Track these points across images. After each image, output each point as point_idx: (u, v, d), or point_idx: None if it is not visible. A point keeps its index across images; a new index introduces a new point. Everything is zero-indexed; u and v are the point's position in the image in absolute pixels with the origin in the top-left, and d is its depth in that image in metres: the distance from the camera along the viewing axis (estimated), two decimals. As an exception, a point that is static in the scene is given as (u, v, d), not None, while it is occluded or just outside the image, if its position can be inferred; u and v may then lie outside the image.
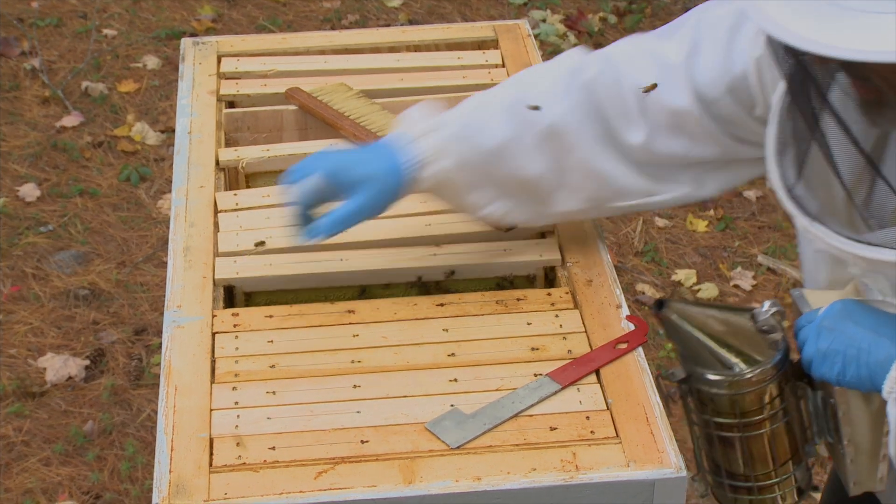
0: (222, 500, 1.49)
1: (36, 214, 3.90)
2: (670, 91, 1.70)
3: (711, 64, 1.67)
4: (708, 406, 1.58)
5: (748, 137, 1.70)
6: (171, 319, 1.76)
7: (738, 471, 1.61)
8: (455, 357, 1.71)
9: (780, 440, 1.60)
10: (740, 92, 1.66)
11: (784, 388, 1.58)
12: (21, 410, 3.25)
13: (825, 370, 1.52)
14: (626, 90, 1.72)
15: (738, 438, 1.59)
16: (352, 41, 2.40)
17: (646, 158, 1.75)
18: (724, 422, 1.58)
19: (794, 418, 1.60)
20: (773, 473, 1.61)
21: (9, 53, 4.63)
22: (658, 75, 1.70)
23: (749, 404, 1.56)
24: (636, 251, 3.83)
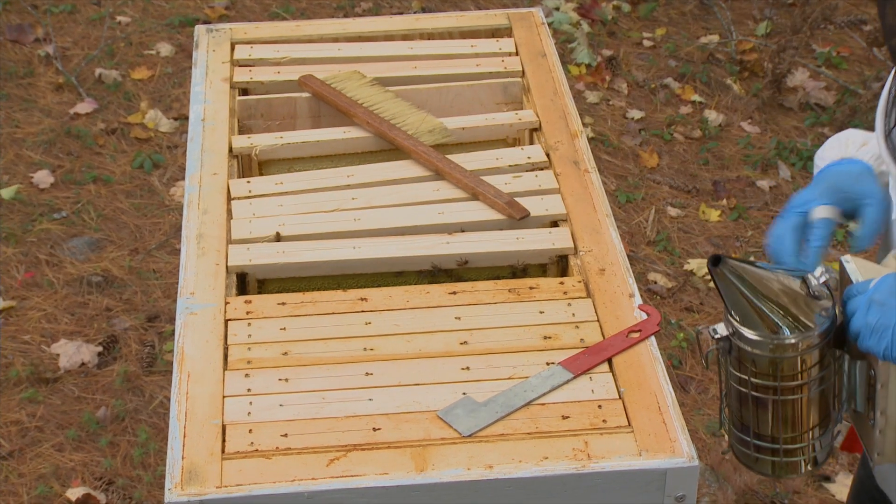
0: (234, 486, 1.50)
1: (49, 201, 3.91)
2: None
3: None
4: (747, 366, 1.58)
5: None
6: (184, 306, 1.76)
7: (766, 432, 1.62)
8: (467, 345, 1.71)
9: (814, 407, 1.61)
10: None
11: (826, 355, 1.59)
12: (34, 396, 3.26)
13: (872, 344, 1.53)
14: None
15: (773, 401, 1.59)
16: (365, 29, 2.40)
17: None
18: (762, 383, 1.58)
19: (830, 386, 1.61)
20: (800, 437, 1.62)
21: (23, 40, 4.63)
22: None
23: (789, 368, 1.57)
24: (648, 240, 3.82)
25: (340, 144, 2.11)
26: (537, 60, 2.28)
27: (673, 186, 4.07)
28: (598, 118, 4.35)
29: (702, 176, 4.11)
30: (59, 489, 3.03)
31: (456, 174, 1.99)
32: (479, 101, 2.23)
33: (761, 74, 4.54)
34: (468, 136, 2.13)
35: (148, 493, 3.04)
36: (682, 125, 4.34)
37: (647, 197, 4.02)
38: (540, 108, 2.16)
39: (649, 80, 4.54)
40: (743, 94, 4.49)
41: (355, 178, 2.01)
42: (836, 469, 3.13)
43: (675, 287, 3.61)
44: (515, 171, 2.03)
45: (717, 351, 1.61)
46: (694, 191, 4.05)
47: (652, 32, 4.80)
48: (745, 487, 3.08)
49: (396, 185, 2.00)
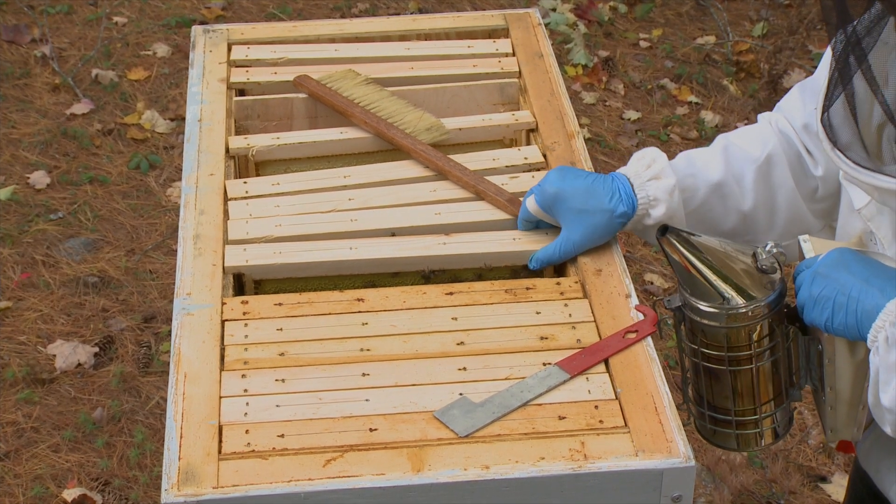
0: (231, 487, 1.50)
1: (46, 202, 3.91)
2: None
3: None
4: (698, 336, 1.62)
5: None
6: (180, 307, 1.76)
7: (721, 404, 1.65)
8: (464, 346, 1.71)
9: (765, 379, 1.63)
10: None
11: (775, 328, 1.61)
12: (31, 397, 3.26)
13: (815, 315, 1.57)
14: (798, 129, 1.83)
15: (724, 371, 1.62)
16: (362, 29, 2.40)
17: (829, 191, 1.83)
18: (712, 353, 1.62)
19: (781, 360, 1.64)
20: (754, 410, 1.64)
21: (19, 41, 4.63)
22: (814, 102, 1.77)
23: (738, 339, 1.60)
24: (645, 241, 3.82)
25: (337, 145, 2.11)
26: (534, 61, 2.28)
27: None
28: (595, 119, 4.35)
29: (698, 177, 4.11)
30: (55, 490, 3.03)
31: (456, 172, 1.99)
32: (476, 101, 2.23)
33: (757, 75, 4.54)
34: (465, 136, 2.13)
35: (144, 494, 3.04)
36: (678, 126, 4.34)
37: (644, 198, 4.02)
38: (536, 109, 2.16)
39: (646, 81, 4.55)
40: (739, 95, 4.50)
41: (352, 179, 2.01)
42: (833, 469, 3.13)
43: (672, 288, 3.61)
44: (512, 172, 2.04)
45: (674, 322, 1.64)
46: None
47: (648, 33, 4.80)
48: (741, 488, 3.08)
49: (393, 186, 2.00)
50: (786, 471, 3.12)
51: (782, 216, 1.86)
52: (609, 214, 1.81)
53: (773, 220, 1.86)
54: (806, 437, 3.21)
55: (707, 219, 1.86)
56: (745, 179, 1.84)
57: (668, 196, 1.81)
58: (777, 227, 1.87)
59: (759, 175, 1.84)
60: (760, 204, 1.85)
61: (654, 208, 1.82)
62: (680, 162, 1.86)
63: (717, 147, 1.87)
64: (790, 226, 1.87)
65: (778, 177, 1.84)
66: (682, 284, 1.63)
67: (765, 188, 1.84)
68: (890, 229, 1.61)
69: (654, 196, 1.81)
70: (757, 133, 1.87)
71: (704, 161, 1.85)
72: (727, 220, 1.86)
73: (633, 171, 1.84)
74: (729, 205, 1.85)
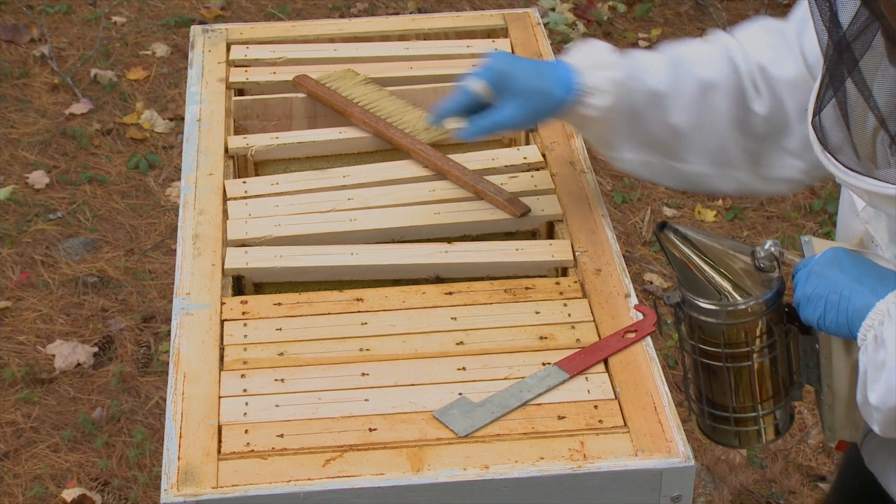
0: (230, 487, 1.50)
1: (45, 201, 3.90)
2: (782, 62, 1.78)
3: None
4: (697, 333, 1.62)
5: None
6: (179, 307, 1.76)
7: (720, 401, 1.65)
8: (463, 345, 1.71)
9: (764, 377, 1.63)
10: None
11: (773, 326, 1.61)
12: (30, 397, 3.26)
13: (808, 313, 1.57)
14: (752, 64, 1.81)
15: (723, 368, 1.62)
16: (361, 29, 2.40)
17: (767, 130, 1.83)
18: (711, 350, 1.62)
19: (780, 358, 1.64)
20: (753, 408, 1.64)
21: (18, 40, 4.63)
22: (774, 43, 1.79)
23: (736, 336, 1.60)
24: (644, 241, 3.83)
25: (336, 145, 2.11)
26: (533, 61, 2.27)
27: (669, 187, 4.07)
28: (594, 119, 4.35)
29: (697, 176, 4.11)
30: (54, 490, 3.03)
31: (455, 172, 1.99)
32: (475, 101, 2.23)
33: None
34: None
35: (143, 494, 3.04)
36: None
37: (643, 197, 4.02)
38: (536, 109, 2.16)
39: (645, 81, 4.55)
40: (738, 95, 4.50)
41: (351, 179, 2.01)
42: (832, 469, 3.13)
43: (671, 287, 3.61)
44: (512, 172, 2.04)
45: (674, 318, 1.64)
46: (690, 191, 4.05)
47: (648, 33, 4.80)
48: (740, 487, 3.08)
49: (393, 186, 2.00)
50: (785, 470, 3.12)
51: (709, 141, 1.85)
52: (549, 96, 1.80)
53: (698, 142, 1.85)
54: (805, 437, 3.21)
55: (636, 122, 1.85)
56: (685, 96, 1.82)
57: (610, 87, 1.81)
58: (700, 150, 1.86)
59: (699, 95, 1.83)
60: (692, 123, 1.84)
61: (594, 97, 1.81)
62: (626, 60, 1.85)
63: (667, 57, 1.85)
64: (715, 153, 1.86)
65: (716, 102, 1.83)
66: (680, 281, 1.63)
67: (700, 109, 1.83)
68: (886, 232, 1.62)
69: (597, 86, 1.81)
70: (707, 54, 1.85)
71: (651, 67, 1.84)
72: (654, 129, 1.85)
73: (578, 58, 1.83)
74: (662, 115, 1.83)
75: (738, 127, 1.84)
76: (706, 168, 1.88)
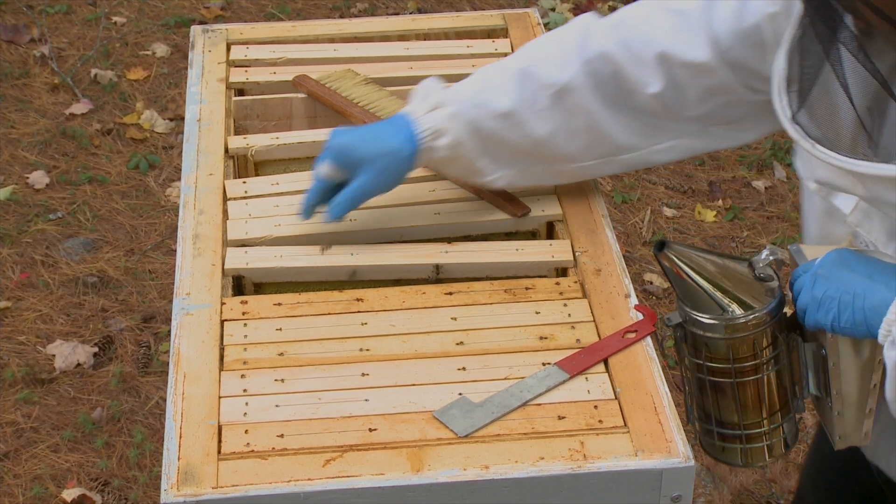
0: (230, 487, 1.50)
1: (45, 202, 3.91)
2: (689, 44, 1.76)
3: (728, 13, 1.72)
4: (702, 351, 1.61)
5: (758, 86, 1.75)
6: (179, 307, 1.76)
7: (728, 419, 1.63)
8: (463, 346, 1.71)
9: (771, 389, 1.62)
10: (753, 39, 1.71)
11: (777, 336, 1.60)
12: (30, 397, 3.26)
13: (820, 317, 1.55)
14: (644, 46, 1.79)
15: (730, 385, 1.61)
16: (361, 29, 2.40)
17: (658, 110, 1.82)
18: (718, 367, 1.60)
19: (785, 368, 1.63)
20: (762, 423, 1.63)
21: (18, 40, 4.63)
22: (676, 26, 1.77)
23: (742, 350, 1.59)
24: (644, 241, 3.83)
25: (336, 145, 2.11)
26: (533, 61, 2.27)
27: (669, 187, 4.07)
28: (594, 119, 4.35)
29: (697, 176, 4.11)
30: (54, 490, 3.03)
31: (453, 174, 2.00)
32: (475, 101, 2.23)
33: (757, 75, 4.54)
34: (464, 136, 2.13)
35: (143, 494, 3.04)
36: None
37: (643, 197, 4.02)
38: (536, 109, 2.16)
39: (645, 81, 4.54)
40: (738, 95, 4.50)
41: (351, 179, 2.01)
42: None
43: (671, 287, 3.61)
44: (511, 172, 2.03)
45: (674, 340, 1.63)
46: (690, 191, 4.05)
47: (647, 33, 4.80)
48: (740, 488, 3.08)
49: (392, 186, 2.00)
50: (785, 471, 3.13)
51: (582, 139, 1.85)
52: (396, 155, 1.80)
53: (572, 144, 1.85)
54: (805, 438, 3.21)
55: (502, 144, 1.84)
56: (539, 106, 1.82)
57: (449, 124, 1.81)
58: (576, 148, 1.86)
59: (554, 102, 1.82)
60: (557, 129, 1.84)
61: (438, 139, 1.82)
62: (468, 89, 1.85)
63: (514, 69, 1.84)
64: (593, 147, 1.86)
65: (576, 103, 1.82)
66: (681, 300, 1.61)
67: (561, 114, 1.83)
68: (883, 230, 1.60)
69: (436, 127, 1.81)
70: (561, 53, 1.83)
71: (496, 88, 1.83)
72: (523, 145, 1.85)
73: (413, 107, 1.83)
74: (520, 131, 1.83)
75: (617, 113, 1.83)
76: (590, 160, 1.89)
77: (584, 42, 1.82)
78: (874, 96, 1.52)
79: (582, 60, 1.81)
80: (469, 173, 1.88)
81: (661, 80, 1.79)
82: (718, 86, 1.77)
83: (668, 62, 1.77)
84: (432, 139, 1.81)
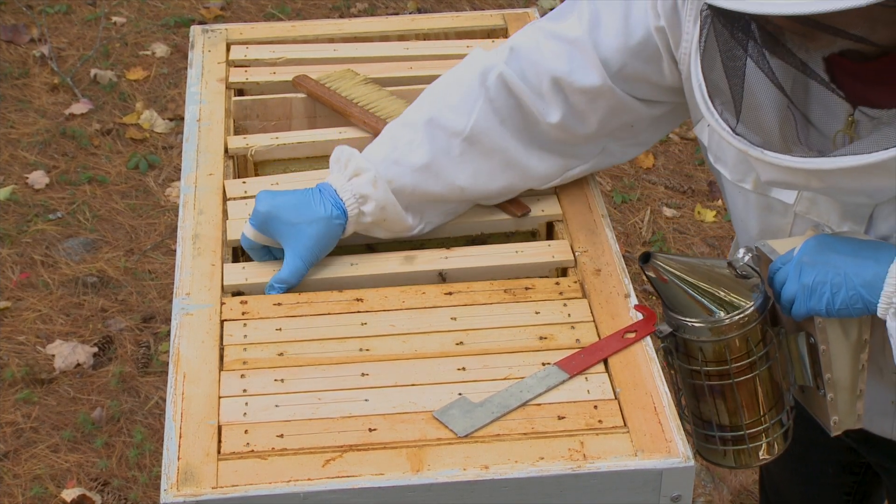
0: (230, 487, 1.50)
1: (45, 202, 3.90)
2: (581, 71, 1.79)
3: (614, 33, 1.76)
4: (696, 356, 1.62)
5: (655, 98, 1.81)
6: (179, 307, 1.76)
7: (728, 421, 1.64)
8: (463, 346, 1.71)
9: (766, 385, 1.64)
10: (645, 53, 1.75)
11: (767, 332, 1.62)
12: (30, 397, 3.26)
13: (813, 303, 1.57)
14: (540, 78, 1.82)
15: (728, 386, 1.62)
16: (361, 29, 2.40)
17: (560, 137, 1.86)
18: (714, 370, 1.61)
19: (776, 363, 1.64)
20: (761, 420, 1.64)
21: (18, 40, 4.63)
22: (565, 53, 1.80)
23: (736, 349, 1.60)
24: (644, 241, 3.83)
25: (336, 145, 2.11)
26: (533, 61, 2.27)
27: (668, 187, 4.07)
28: (594, 119, 4.35)
29: (697, 176, 4.11)
30: (54, 490, 3.03)
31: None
32: (475, 101, 2.23)
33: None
34: (464, 136, 2.13)
35: (143, 494, 3.04)
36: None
37: (643, 197, 4.02)
38: (536, 109, 2.16)
39: (645, 81, 4.54)
40: (738, 95, 4.50)
41: (351, 179, 2.01)
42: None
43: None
44: (511, 172, 2.03)
45: (664, 351, 1.64)
46: (689, 191, 4.05)
47: (647, 33, 4.80)
48: (740, 487, 3.08)
49: (392, 186, 2.00)
50: (785, 470, 3.12)
51: (501, 178, 1.87)
52: (326, 221, 1.81)
53: (493, 183, 1.87)
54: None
55: (425, 196, 1.86)
56: (453, 154, 1.84)
57: (372, 189, 1.82)
58: (498, 188, 1.89)
59: (467, 147, 1.84)
60: (478, 172, 1.85)
61: (364, 204, 1.83)
62: (381, 150, 1.85)
63: (421, 122, 1.85)
64: (515, 182, 1.89)
65: (488, 143, 1.84)
66: (669, 309, 1.62)
67: (477, 157, 1.85)
68: (834, 212, 1.63)
69: (359, 193, 1.82)
70: (462, 97, 1.85)
71: (408, 143, 1.84)
72: (447, 194, 1.86)
73: (334, 176, 1.85)
74: (444, 179, 1.85)
75: (529, 146, 1.86)
76: (511, 189, 1.91)
77: (483, 80, 1.84)
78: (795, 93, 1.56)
79: (483, 99, 1.83)
80: (398, 231, 1.89)
81: (560, 109, 1.82)
82: (617, 105, 1.81)
83: (563, 90, 1.81)
84: (359, 206, 1.83)
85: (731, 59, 1.53)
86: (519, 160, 1.86)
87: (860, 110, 1.55)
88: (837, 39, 1.45)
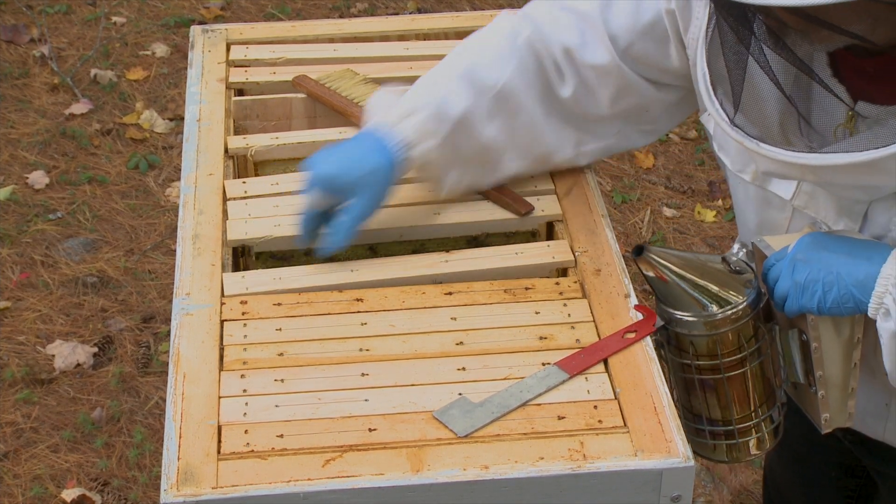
0: (230, 487, 1.50)
1: (45, 202, 3.91)
2: (591, 46, 1.81)
3: (625, 12, 1.78)
4: (688, 350, 1.62)
5: (664, 80, 1.82)
6: (179, 307, 1.76)
7: (718, 416, 1.64)
8: (463, 346, 1.71)
9: (757, 381, 1.65)
10: (653, 34, 1.77)
11: (759, 328, 1.62)
12: (30, 397, 3.26)
13: (805, 300, 1.57)
14: (553, 48, 1.83)
15: (719, 380, 1.63)
16: (361, 29, 2.40)
17: (575, 111, 1.87)
18: (705, 364, 1.62)
19: (768, 359, 1.65)
20: (752, 415, 1.65)
21: (18, 40, 4.63)
22: (577, 26, 1.81)
23: (728, 344, 1.61)
24: (644, 241, 3.83)
25: (336, 145, 2.11)
26: (533, 61, 2.27)
27: (668, 187, 4.07)
28: (594, 119, 4.35)
29: (697, 176, 4.11)
30: (54, 490, 3.03)
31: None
32: (475, 101, 2.23)
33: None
34: (464, 136, 2.13)
35: (143, 494, 3.04)
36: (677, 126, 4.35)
37: (643, 197, 4.02)
38: (536, 109, 2.16)
39: (645, 81, 4.55)
40: (738, 95, 4.50)
41: (351, 179, 2.01)
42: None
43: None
44: (511, 172, 2.03)
45: (655, 344, 1.64)
46: (689, 191, 4.05)
47: (647, 33, 4.80)
48: (740, 487, 3.08)
49: (392, 186, 2.00)
50: (785, 470, 3.12)
51: (521, 140, 1.88)
52: (382, 172, 1.80)
53: (511, 144, 1.88)
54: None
55: (453, 150, 1.86)
56: (483, 109, 1.84)
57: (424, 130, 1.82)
58: (517, 152, 1.89)
59: (496, 104, 1.85)
60: (500, 131, 1.86)
61: (415, 148, 1.82)
62: (423, 92, 1.85)
63: (458, 71, 1.86)
64: (532, 147, 1.90)
65: (516, 103, 1.85)
66: (663, 302, 1.63)
67: (503, 117, 1.85)
68: (831, 208, 1.63)
69: (409, 137, 1.82)
70: (496, 52, 1.86)
71: (448, 92, 1.84)
72: (470, 150, 1.87)
73: (382, 118, 1.84)
74: (472, 135, 1.85)
75: (549, 113, 1.87)
76: (526, 166, 1.92)
77: (514, 40, 1.85)
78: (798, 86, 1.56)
79: (517, 59, 1.84)
80: (437, 182, 1.89)
81: (573, 82, 1.83)
82: (626, 85, 1.82)
83: (575, 62, 1.82)
84: (411, 149, 1.82)
85: (734, 51, 1.54)
86: (539, 124, 1.87)
87: (861, 105, 1.55)
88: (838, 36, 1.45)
